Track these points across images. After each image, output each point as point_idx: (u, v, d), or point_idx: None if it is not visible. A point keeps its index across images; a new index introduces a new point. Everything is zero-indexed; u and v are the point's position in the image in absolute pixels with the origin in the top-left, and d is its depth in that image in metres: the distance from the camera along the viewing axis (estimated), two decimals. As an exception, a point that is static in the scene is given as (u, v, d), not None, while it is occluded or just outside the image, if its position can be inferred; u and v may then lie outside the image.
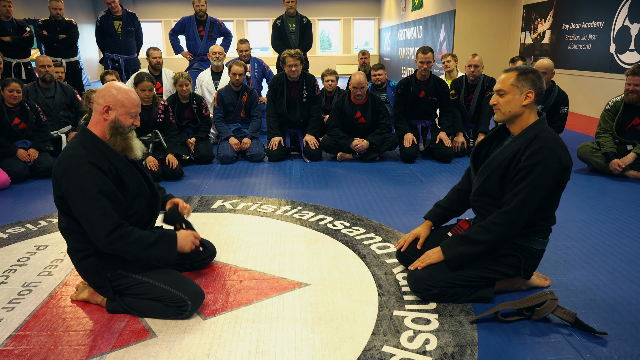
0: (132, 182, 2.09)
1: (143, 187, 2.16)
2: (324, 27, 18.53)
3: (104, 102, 2.02)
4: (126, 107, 2.05)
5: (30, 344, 1.92)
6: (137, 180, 2.12)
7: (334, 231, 3.04)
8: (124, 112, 2.04)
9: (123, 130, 2.05)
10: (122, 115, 2.04)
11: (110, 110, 2.03)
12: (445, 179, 4.26)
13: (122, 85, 2.09)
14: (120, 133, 2.05)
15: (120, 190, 2.03)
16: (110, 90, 2.04)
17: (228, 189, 3.99)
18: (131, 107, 2.06)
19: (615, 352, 1.84)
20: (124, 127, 2.05)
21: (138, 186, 2.12)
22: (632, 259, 2.64)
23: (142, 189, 2.15)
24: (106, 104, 2.02)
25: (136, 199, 2.11)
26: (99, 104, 2.03)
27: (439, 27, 10.96)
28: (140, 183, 2.14)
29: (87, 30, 14.27)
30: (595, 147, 4.31)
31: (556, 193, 2.08)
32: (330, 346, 1.89)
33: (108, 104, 2.02)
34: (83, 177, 1.91)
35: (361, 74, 4.75)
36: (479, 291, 2.18)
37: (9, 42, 6.15)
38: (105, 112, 2.02)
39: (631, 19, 6.56)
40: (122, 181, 2.05)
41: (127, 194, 2.06)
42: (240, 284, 2.39)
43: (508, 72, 2.12)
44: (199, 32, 6.70)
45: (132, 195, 2.08)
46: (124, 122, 2.05)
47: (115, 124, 2.03)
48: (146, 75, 4.22)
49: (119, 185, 2.04)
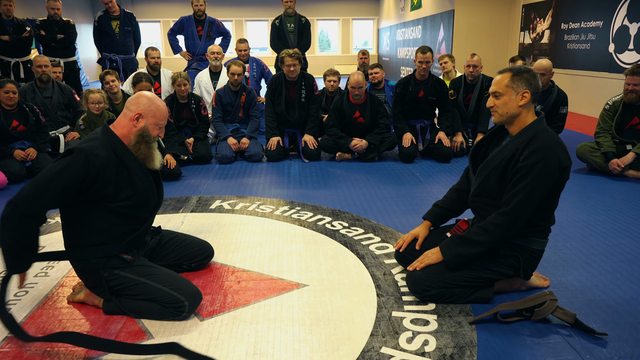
0: (143, 187, 2.09)
1: (153, 194, 2.17)
2: (323, 27, 18.52)
3: (136, 110, 2.07)
4: (156, 118, 2.10)
5: (27, 345, 1.90)
6: (149, 187, 2.13)
7: (332, 231, 3.03)
8: (154, 122, 2.10)
9: (149, 139, 2.10)
10: (151, 125, 2.09)
11: (141, 118, 2.07)
12: (444, 178, 4.25)
13: (155, 96, 2.15)
14: (146, 142, 2.10)
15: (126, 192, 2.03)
16: (144, 100, 2.09)
17: (226, 189, 3.98)
18: (161, 118, 2.12)
19: (615, 353, 1.83)
20: (150, 137, 2.10)
21: (148, 191, 2.12)
22: (632, 259, 2.63)
23: (152, 196, 2.16)
24: (138, 111, 2.07)
25: (142, 204, 2.11)
26: (131, 110, 2.08)
27: (437, 26, 10.96)
28: (152, 190, 2.15)
29: (85, 30, 14.25)
30: (595, 147, 4.30)
31: (555, 193, 2.07)
32: (328, 347, 1.88)
33: (140, 112, 2.07)
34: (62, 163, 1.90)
35: (359, 74, 4.74)
36: (478, 292, 2.16)
37: (7, 41, 6.14)
38: (135, 120, 2.07)
39: (630, 18, 6.56)
40: (132, 183, 2.05)
41: (134, 196, 2.05)
42: (238, 284, 2.37)
43: (502, 73, 2.10)
44: (198, 32, 6.69)
45: (140, 199, 2.08)
46: (151, 132, 2.10)
47: (144, 132, 2.08)
48: (144, 76, 4.21)
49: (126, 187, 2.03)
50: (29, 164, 4.35)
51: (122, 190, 2.02)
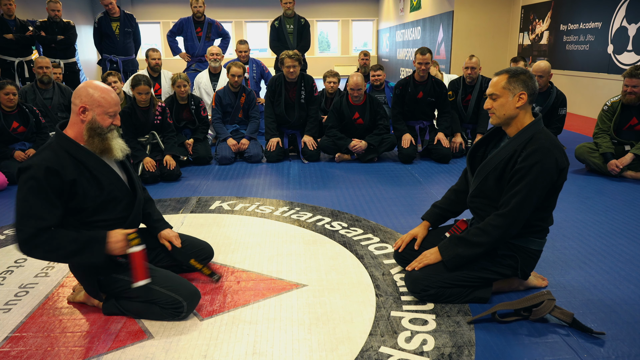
0: (108, 182, 2.01)
1: (122, 188, 2.07)
2: (322, 28, 18.53)
3: (80, 103, 1.94)
4: (103, 107, 1.96)
5: (27, 345, 1.91)
6: (115, 180, 2.04)
7: (331, 232, 3.04)
8: (101, 112, 1.96)
9: (101, 131, 1.97)
10: (99, 115, 1.96)
11: (86, 111, 1.95)
12: (443, 179, 4.26)
13: (99, 84, 2.00)
14: (98, 134, 1.97)
15: (93, 191, 1.96)
16: (87, 90, 1.96)
17: (226, 190, 3.99)
18: (109, 106, 1.98)
19: (612, 353, 1.84)
20: (102, 128, 1.97)
21: (115, 187, 2.04)
22: (630, 259, 2.64)
23: (120, 191, 2.06)
24: (82, 104, 1.94)
25: (111, 202, 2.03)
26: (75, 104, 1.96)
27: (437, 28, 10.97)
28: (119, 183, 2.05)
29: (85, 31, 14.25)
30: (593, 148, 4.31)
31: (553, 194, 2.08)
32: (327, 347, 1.89)
33: (84, 105, 1.94)
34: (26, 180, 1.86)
35: (359, 75, 4.75)
36: (477, 292, 2.17)
37: (11, 40, 6.15)
38: (81, 113, 1.95)
39: (629, 19, 6.57)
40: (97, 181, 1.98)
41: (101, 194, 1.98)
42: (237, 284, 2.38)
43: (499, 75, 2.11)
44: (197, 33, 6.70)
45: (107, 196, 2.00)
46: (102, 123, 1.97)
47: (93, 125, 1.95)
48: (143, 79, 4.21)
49: (92, 187, 1.96)
50: (29, 165, 4.35)
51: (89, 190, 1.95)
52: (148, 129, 4.39)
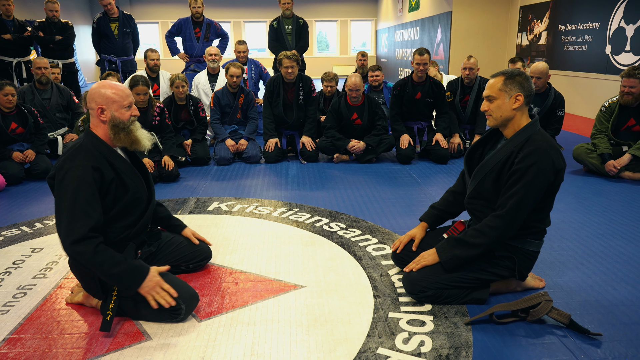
0: (133, 184, 2.09)
1: (143, 189, 2.16)
2: (321, 29, 18.54)
3: (96, 105, 2.03)
4: (118, 102, 2.04)
5: (25, 347, 1.91)
6: (137, 182, 2.13)
7: (329, 233, 3.04)
8: (118, 107, 2.04)
9: (124, 125, 2.06)
10: (116, 111, 2.04)
11: (105, 111, 2.03)
12: (441, 180, 4.26)
13: (107, 82, 2.08)
14: (122, 129, 2.06)
15: (120, 193, 2.04)
16: (99, 91, 2.04)
17: (224, 191, 3.99)
18: (123, 99, 2.05)
19: (609, 353, 1.85)
20: (124, 122, 2.06)
21: (139, 189, 2.12)
22: (627, 260, 2.65)
23: (142, 192, 2.15)
24: (99, 105, 2.02)
25: (135, 203, 2.11)
26: (93, 108, 2.04)
27: (435, 28, 10.98)
28: (141, 185, 2.15)
29: (83, 31, 14.24)
30: (591, 148, 4.32)
31: (550, 195, 2.09)
32: (325, 348, 1.89)
33: (100, 105, 2.02)
34: (72, 179, 1.91)
35: (357, 76, 4.75)
36: (474, 293, 2.18)
37: (9, 41, 6.15)
38: (101, 114, 2.03)
39: (627, 20, 6.59)
40: (123, 183, 2.06)
41: (126, 196, 2.06)
42: (235, 286, 2.39)
43: (495, 77, 2.12)
44: (196, 33, 6.70)
45: (131, 198, 2.08)
46: (122, 117, 2.05)
47: (114, 122, 2.04)
48: (141, 79, 4.21)
49: (120, 188, 2.04)
50: (28, 166, 4.36)
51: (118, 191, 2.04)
52: (146, 130, 4.37)
